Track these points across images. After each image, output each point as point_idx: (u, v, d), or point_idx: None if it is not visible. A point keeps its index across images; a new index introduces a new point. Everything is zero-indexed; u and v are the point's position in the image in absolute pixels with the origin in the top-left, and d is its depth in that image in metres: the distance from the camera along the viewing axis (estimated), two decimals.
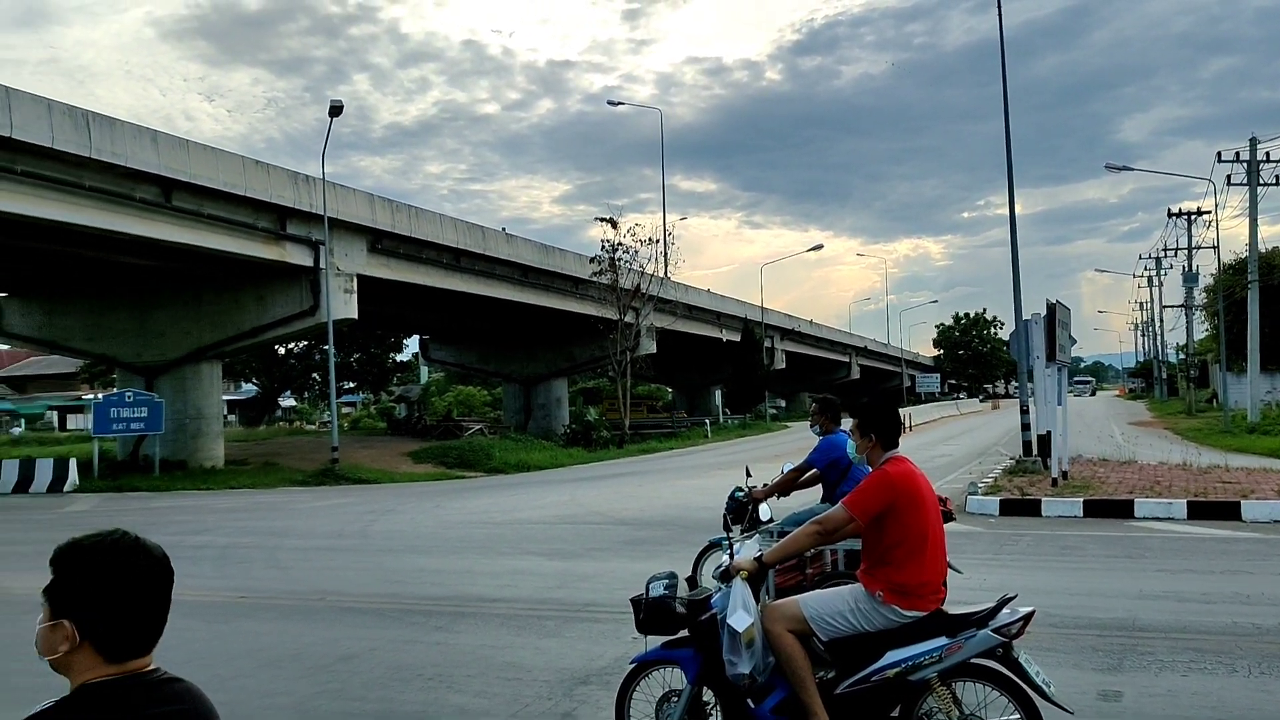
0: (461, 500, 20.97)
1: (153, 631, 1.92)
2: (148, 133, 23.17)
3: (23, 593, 10.56)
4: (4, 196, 20.35)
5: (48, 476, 25.92)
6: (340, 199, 28.68)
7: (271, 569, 11.69)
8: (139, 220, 23.26)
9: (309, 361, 51.81)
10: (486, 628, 8.23)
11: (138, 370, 30.01)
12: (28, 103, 20.30)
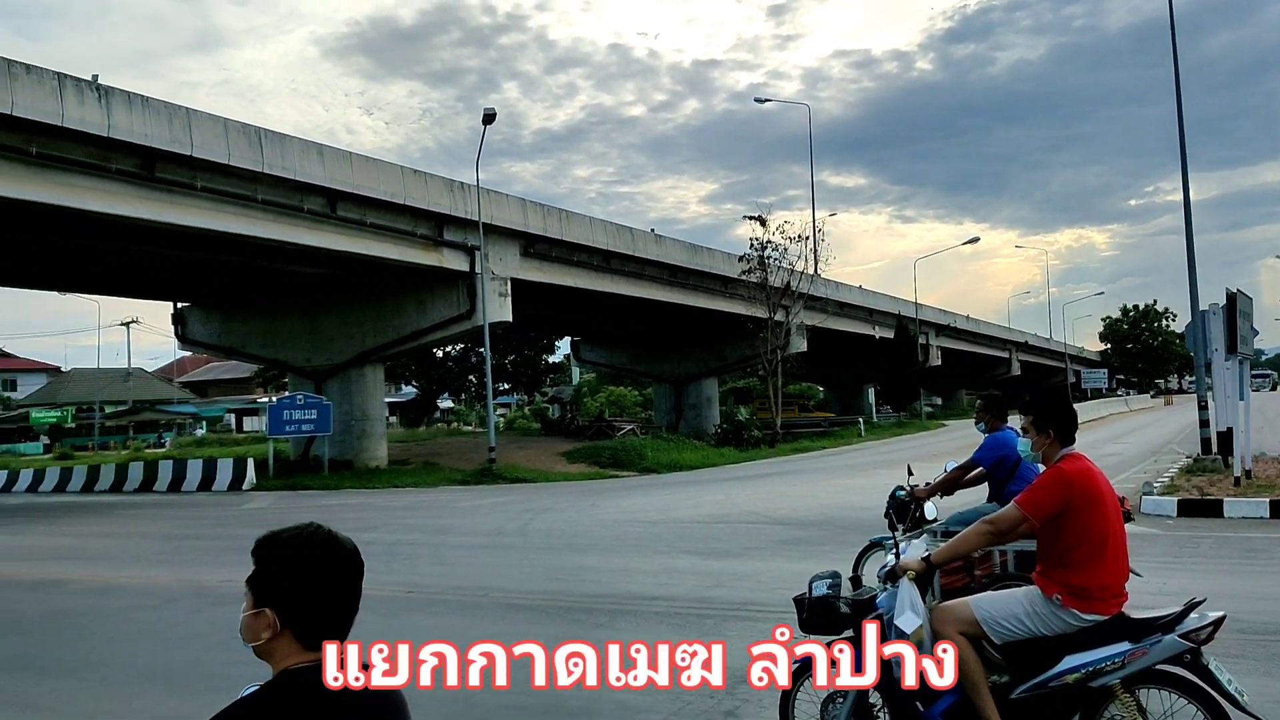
0: (616, 499, 21.19)
1: (346, 619, 2.00)
2: (314, 147, 24.26)
3: (214, 584, 11.20)
4: (187, 212, 21.62)
5: (228, 476, 27.43)
6: (494, 205, 29.39)
7: (436, 565, 12.05)
8: (307, 231, 24.36)
9: (465, 364, 53.24)
10: (646, 625, 8.28)
11: (307, 374, 31.45)
12: (206, 122, 21.52)
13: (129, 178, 20.49)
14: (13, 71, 18.03)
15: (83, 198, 19.89)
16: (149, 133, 20.25)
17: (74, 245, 24.46)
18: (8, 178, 18.55)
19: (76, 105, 18.97)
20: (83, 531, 17.80)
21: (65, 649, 8.21)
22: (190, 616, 9.55)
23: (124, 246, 24.36)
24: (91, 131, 19.27)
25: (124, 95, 19.99)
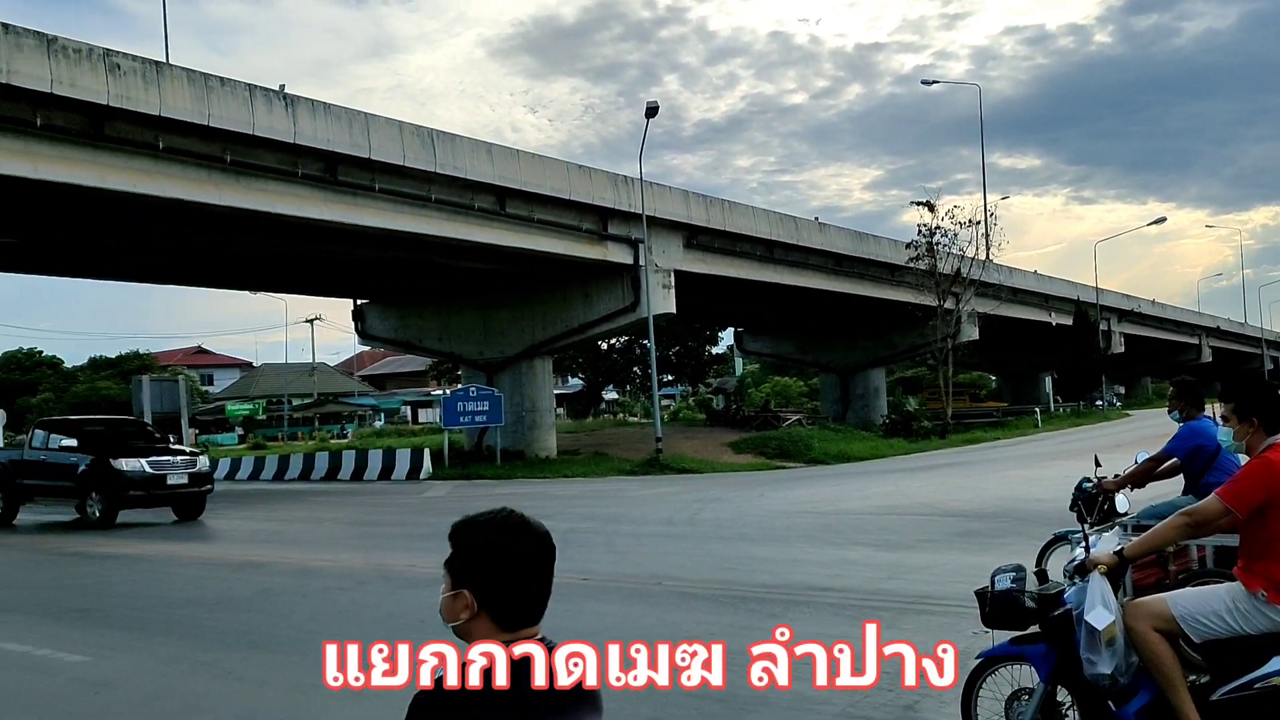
0: (784, 490, 21.09)
1: (540, 602, 2.05)
2: (483, 146, 24.99)
3: (400, 568, 11.73)
4: (367, 212, 22.63)
5: (406, 465, 28.59)
6: (657, 197, 29.62)
7: (609, 553, 12.27)
8: (478, 228, 25.12)
9: (629, 356, 53.89)
10: (820, 616, 8.24)
11: (480, 367, 32.45)
12: (383, 126, 22.45)
13: (314, 181, 21.56)
14: (209, 85, 19.23)
15: (273, 202, 21.06)
16: (331, 138, 21.27)
17: (264, 247, 25.93)
18: (207, 185, 19.80)
19: (266, 114, 20.08)
20: (277, 517, 18.89)
21: (272, 625, 8.75)
22: (381, 599, 10.03)
23: (308, 247, 25.66)
24: (279, 139, 20.37)
25: (308, 103, 21.05)
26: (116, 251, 27.30)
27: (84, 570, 12.78)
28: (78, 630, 8.82)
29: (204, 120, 19.02)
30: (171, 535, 16.50)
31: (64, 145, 17.70)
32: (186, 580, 11.52)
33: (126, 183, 18.66)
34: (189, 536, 16.20)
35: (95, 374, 69.35)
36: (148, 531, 17.18)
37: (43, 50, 16.75)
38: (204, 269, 30.78)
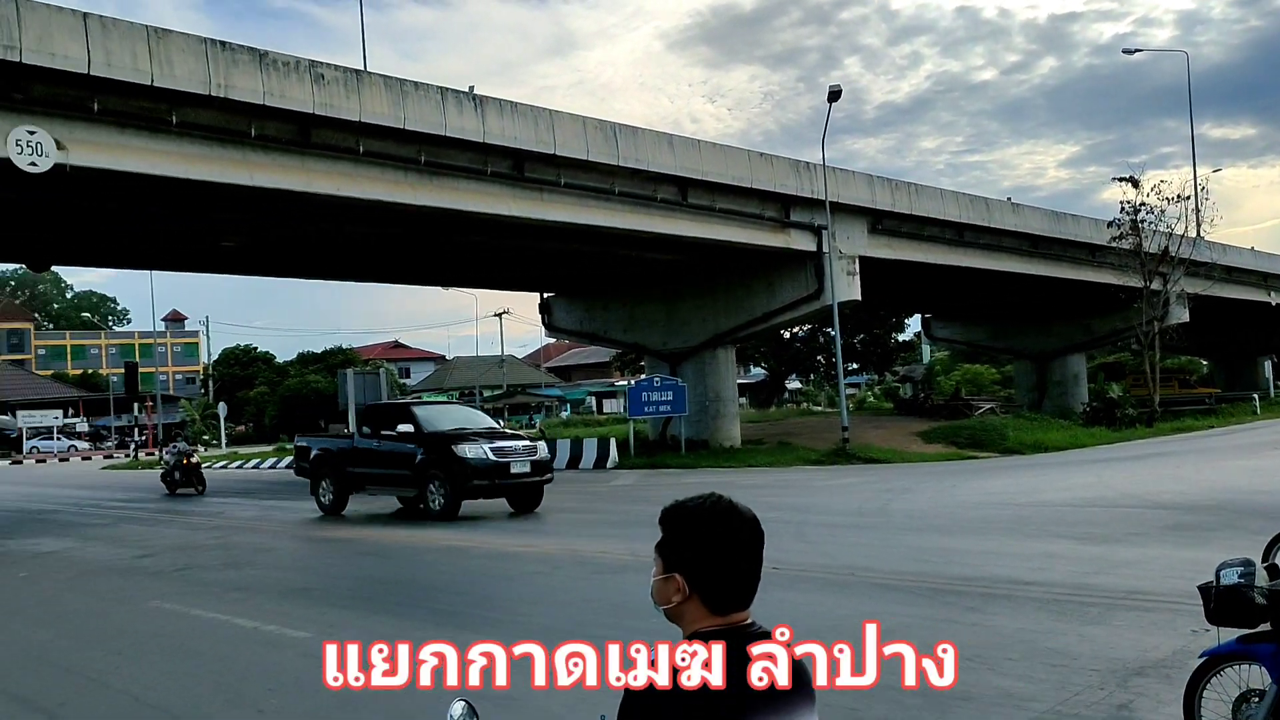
0: (978, 480, 20.45)
1: (750, 586, 2.06)
2: (664, 138, 25.16)
3: (592, 554, 11.99)
4: (553, 207, 23.16)
5: (593, 454, 29.16)
6: (840, 183, 29.14)
7: (800, 543, 12.19)
8: (661, 219, 25.32)
9: (813, 344, 53.27)
10: (1022, 611, 7.96)
11: (664, 357, 32.75)
12: (567, 122, 22.91)
13: (502, 178, 22.21)
14: (404, 89, 20.07)
15: (464, 200, 21.81)
16: (518, 135, 21.85)
17: (455, 244, 26.88)
18: (404, 186, 20.69)
19: (457, 115, 20.80)
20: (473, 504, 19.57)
21: (476, 607, 9.12)
22: (576, 583, 10.29)
23: (497, 243, 26.45)
24: (469, 138, 21.05)
25: (496, 103, 21.69)
26: (321, 252, 28.86)
27: (305, 549, 13.62)
28: (301, 608, 9.41)
29: (400, 124, 19.85)
30: (376, 520, 17.36)
31: (275, 153, 18.82)
32: (397, 563, 12.12)
33: (331, 186, 19.69)
34: (391, 522, 17.00)
35: (304, 368, 73.64)
36: (359, 517, 18.15)
37: (255, 65, 17.86)
38: (400, 267, 32.18)
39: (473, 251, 28.17)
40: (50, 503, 24.80)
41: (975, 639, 7.11)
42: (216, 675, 7.09)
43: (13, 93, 15.35)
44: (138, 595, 10.63)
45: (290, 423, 66.19)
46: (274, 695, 6.58)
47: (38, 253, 27.65)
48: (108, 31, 16.00)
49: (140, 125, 16.89)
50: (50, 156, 15.70)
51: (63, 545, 15.57)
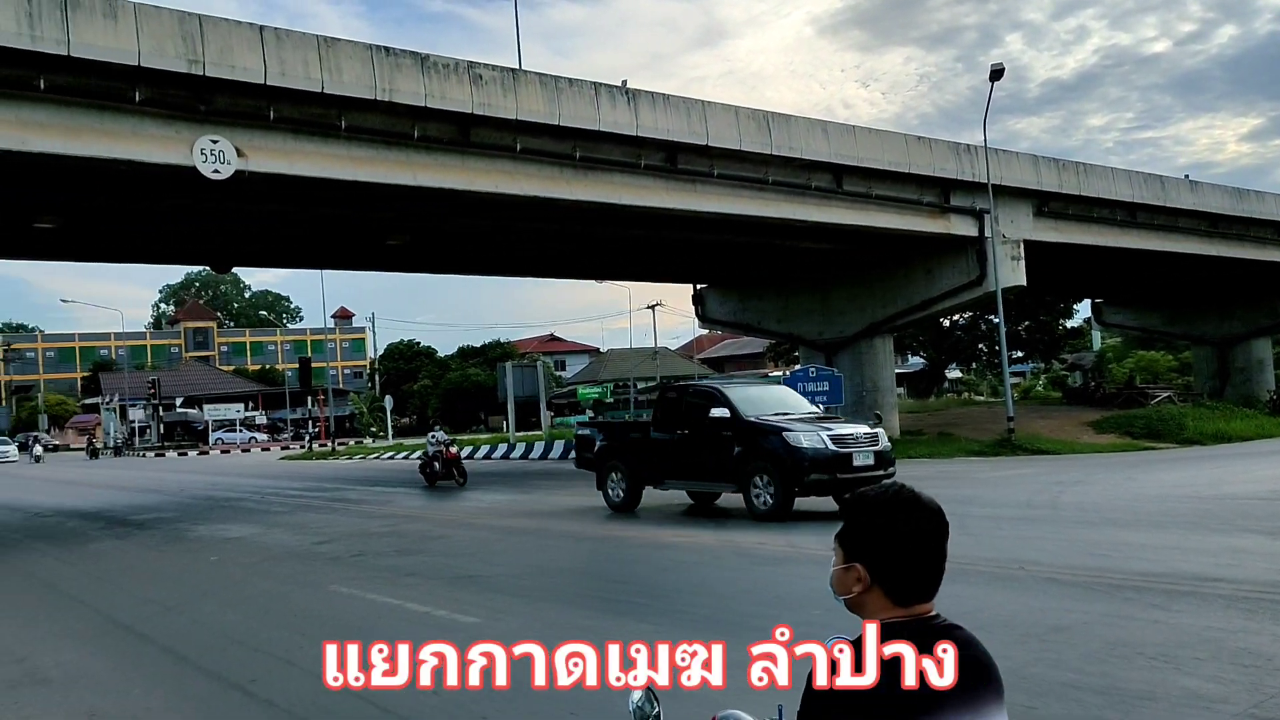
0: (1155, 472, 19.48)
1: (934, 578, 2.01)
2: (818, 124, 24.81)
3: (750, 545, 11.95)
4: (706, 198, 23.14)
5: None
6: (1003, 165, 28.17)
7: (964, 535, 11.83)
8: (815, 207, 24.99)
9: (974, 332, 51.70)
10: (1210, 609, 7.53)
11: (819, 347, 32.33)
12: (719, 112, 22.83)
13: (655, 171, 22.31)
14: (559, 86, 20.38)
15: (618, 193, 22.01)
16: (670, 128, 21.91)
17: (609, 237, 27.17)
18: (559, 181, 21.01)
19: (610, 110, 21.00)
20: None
21: (640, 595, 9.20)
22: (735, 574, 10.27)
23: (650, 235, 26.59)
24: (623, 132, 21.23)
25: (648, 96, 21.80)
26: (480, 249, 29.59)
27: (471, 537, 14.00)
28: (470, 594, 9.69)
29: (555, 120, 20.17)
30: (537, 510, 17.71)
31: (437, 153, 19.40)
32: (559, 551, 12.35)
33: (490, 184, 20.17)
34: (552, 512, 17.32)
35: (465, 362, 75.85)
36: (505, 505, 18.58)
37: (417, 68, 18.44)
38: (555, 261, 32.74)
39: (626, 244, 28.43)
40: (234, 491, 26.27)
41: (1159, 637, 6.77)
42: None
43: (198, 105, 16.26)
44: (318, 579, 11.15)
45: (452, 415, 68.34)
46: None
47: (221, 255, 29.28)
48: (282, 43, 16.78)
49: (312, 131, 17.66)
50: (231, 163, 16.58)
51: (248, 531, 16.46)
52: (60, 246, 24.51)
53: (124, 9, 15.25)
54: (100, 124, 15.65)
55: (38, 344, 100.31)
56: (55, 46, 14.56)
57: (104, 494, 27.68)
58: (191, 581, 11.68)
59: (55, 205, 19.51)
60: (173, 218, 21.59)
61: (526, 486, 22.86)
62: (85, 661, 7.83)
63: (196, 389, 79.22)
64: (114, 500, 24.95)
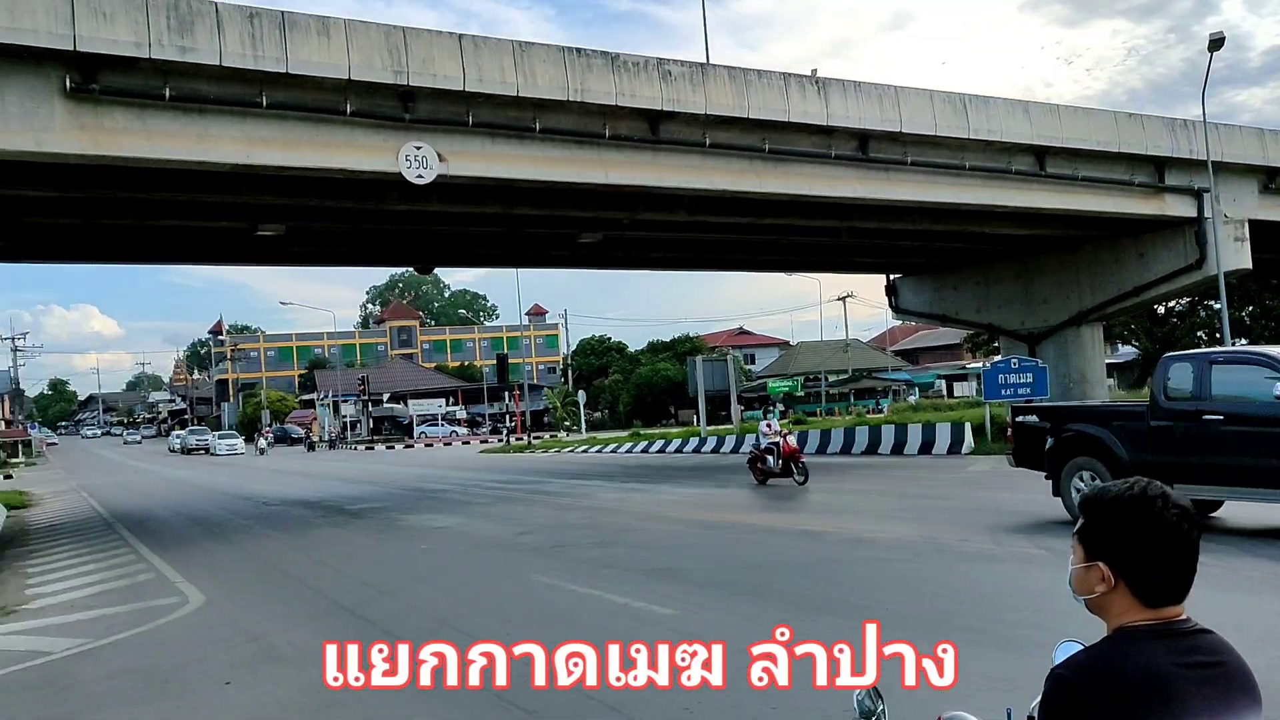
0: None
1: (1185, 580, 1.90)
2: (1019, 105, 23.82)
3: (952, 542, 11.60)
4: (899, 186, 22.61)
5: (946, 440, 28.20)
6: (1224, 139, 26.32)
7: None
8: (1016, 191, 24.02)
9: (1193, 319, 48.54)
10: None
11: (1020, 337, 31.08)
12: (912, 97, 22.24)
13: (846, 160, 21.93)
14: (747, 79, 20.31)
15: (808, 184, 21.76)
16: (862, 115, 21.49)
17: (798, 229, 26.85)
18: (749, 174, 20.96)
19: (799, 100, 20.78)
20: (825, 488, 19.55)
21: (834, 592, 9.09)
22: (938, 571, 9.99)
23: (840, 225, 26.17)
24: (812, 122, 20.97)
25: (839, 84, 21.45)
26: (668, 244, 29.82)
27: (666, 531, 14.16)
28: (666, 586, 9.80)
29: (744, 113, 20.12)
30: (730, 504, 17.75)
31: (628, 150, 19.67)
32: (752, 546, 12.32)
33: (680, 179, 20.32)
34: (745, 507, 17.31)
35: (654, 356, 76.71)
36: (698, 498, 18.68)
37: (608, 68, 18.75)
38: (743, 254, 32.64)
39: (816, 235, 28.07)
40: (439, 483, 27.43)
41: None
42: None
43: (402, 113, 17.05)
44: (520, 569, 11.51)
45: (643, 409, 69.26)
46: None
47: (423, 257, 30.60)
48: (479, 50, 17.38)
49: (508, 133, 18.22)
50: (434, 168, 17.30)
51: (453, 521, 17.16)
52: (281, 252, 26.15)
53: (335, 26, 16.14)
54: (316, 136, 16.62)
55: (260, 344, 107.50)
56: (275, 65, 15.55)
57: (322, 484, 29.43)
58: (404, 567, 12.28)
59: (276, 214, 20.82)
60: (380, 222, 22.70)
61: (719, 480, 22.93)
62: (313, 641, 8.33)
63: (402, 385, 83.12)
64: (331, 490, 26.50)
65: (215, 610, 10.13)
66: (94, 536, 18.44)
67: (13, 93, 14.39)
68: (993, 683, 6.23)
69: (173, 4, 14.93)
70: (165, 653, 8.33)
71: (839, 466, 25.40)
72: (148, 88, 15.08)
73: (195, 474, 40.87)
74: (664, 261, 34.67)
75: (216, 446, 63.59)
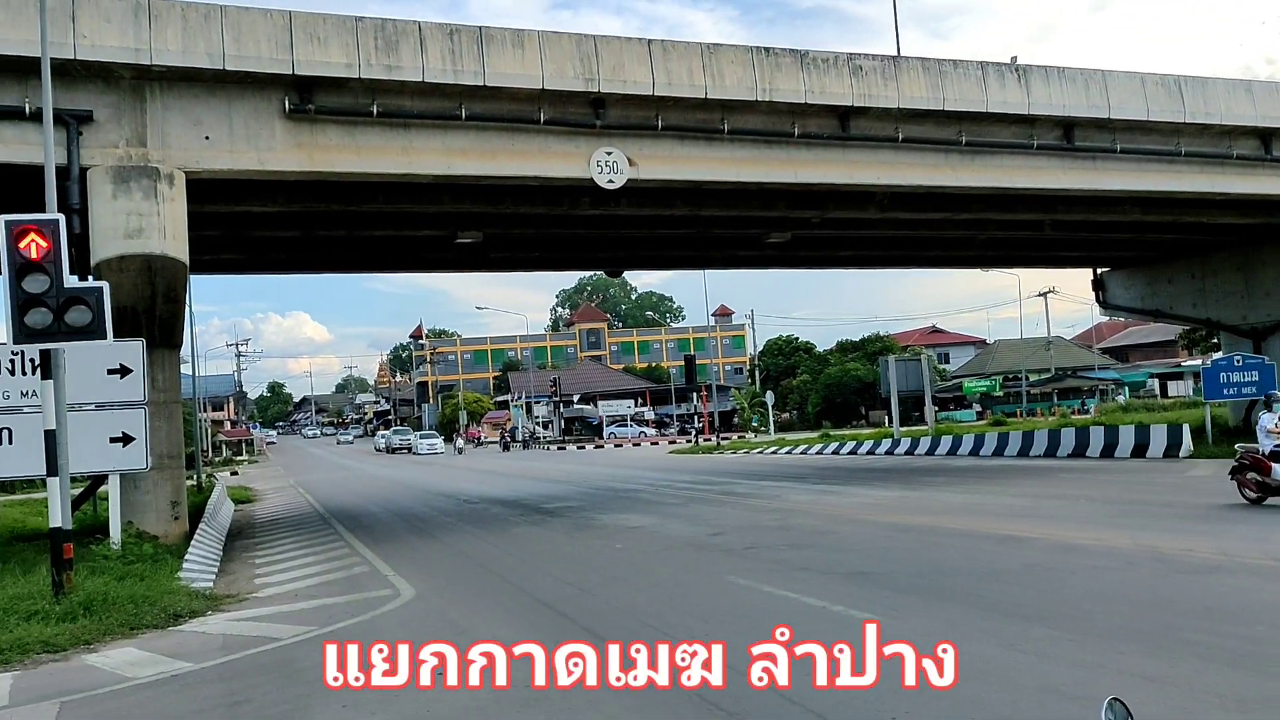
0: None
1: None
2: (1240, 85, 22.28)
3: (1174, 552, 10.93)
4: (1107, 175, 21.52)
5: (1162, 442, 26.54)
6: None
7: None
8: (1237, 177, 22.48)
9: None
10: None
11: (1242, 333, 29.06)
12: (1121, 81, 21.10)
13: (1049, 150, 21.03)
14: (942, 70, 19.73)
15: (1008, 176, 20.97)
16: (1066, 102, 20.55)
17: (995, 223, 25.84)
18: (944, 169, 20.36)
19: (998, 89, 20.04)
20: (1028, 493, 18.76)
21: (1043, 600, 8.69)
22: (1154, 582, 9.43)
23: (1041, 218, 25.06)
24: (1013, 111, 20.20)
25: (1041, 70, 20.57)
26: (856, 242, 29.25)
27: (861, 533, 13.90)
28: (865, 590, 9.61)
29: (939, 105, 19.56)
30: (927, 507, 17.25)
31: (817, 148, 19.45)
32: (954, 550, 11.94)
33: (871, 176, 19.95)
34: (944, 510, 16.79)
35: (843, 356, 75.50)
36: (893, 501, 18.22)
37: (796, 65, 18.58)
38: (935, 250, 31.69)
39: (1015, 229, 27.01)
40: (630, 482, 27.81)
41: None
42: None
43: (594, 120, 17.40)
44: (714, 569, 11.53)
45: (832, 410, 68.32)
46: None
47: (612, 260, 31.10)
48: (668, 54, 17.55)
49: (697, 136, 18.33)
50: (624, 173, 17.57)
51: (646, 521, 17.36)
52: (478, 258, 27.08)
53: (529, 38, 16.62)
54: (511, 145, 17.16)
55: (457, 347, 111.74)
56: (473, 78, 16.17)
57: (517, 483, 30.33)
58: (600, 566, 12.49)
59: (474, 221, 21.59)
60: (571, 226, 23.20)
61: (913, 483, 22.34)
62: (517, 636, 8.56)
63: (591, 386, 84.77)
64: (526, 489, 27.27)
65: (424, 603, 10.57)
66: (312, 530, 19.58)
67: (239, 116, 15.48)
68: (1225, 701, 5.83)
69: (379, 25, 15.73)
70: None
71: (1043, 470, 24.31)
72: (357, 105, 15.94)
73: (399, 472, 42.85)
74: (853, 260, 34.04)
75: (418, 446, 66.55)
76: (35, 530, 17.37)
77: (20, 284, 10.14)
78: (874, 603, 8.92)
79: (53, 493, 10.94)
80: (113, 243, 14.48)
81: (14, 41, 13.70)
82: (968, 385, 68.81)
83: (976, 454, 31.57)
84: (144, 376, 13.47)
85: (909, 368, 38.37)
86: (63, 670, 8.61)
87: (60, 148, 13.95)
